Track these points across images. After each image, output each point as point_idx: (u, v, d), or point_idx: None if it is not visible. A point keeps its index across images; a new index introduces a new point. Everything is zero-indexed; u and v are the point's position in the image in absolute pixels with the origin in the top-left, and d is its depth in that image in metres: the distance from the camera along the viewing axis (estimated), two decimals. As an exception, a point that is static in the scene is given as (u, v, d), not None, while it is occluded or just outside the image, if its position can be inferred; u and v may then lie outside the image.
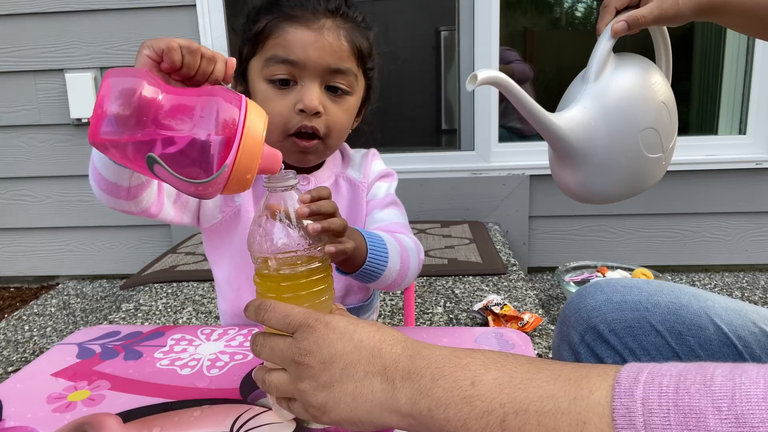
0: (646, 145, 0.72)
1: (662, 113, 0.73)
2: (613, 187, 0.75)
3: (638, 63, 0.76)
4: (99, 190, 0.69)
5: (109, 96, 0.49)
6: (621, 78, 0.73)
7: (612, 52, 0.74)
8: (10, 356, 1.95)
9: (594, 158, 0.72)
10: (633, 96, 0.72)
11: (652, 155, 0.73)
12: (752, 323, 0.69)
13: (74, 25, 2.40)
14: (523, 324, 1.54)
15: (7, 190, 2.57)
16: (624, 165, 0.73)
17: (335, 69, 0.79)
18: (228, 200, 0.87)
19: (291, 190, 0.57)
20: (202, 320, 1.76)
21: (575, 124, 0.71)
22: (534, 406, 0.40)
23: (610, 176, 0.74)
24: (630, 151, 0.72)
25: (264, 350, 0.53)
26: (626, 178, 0.74)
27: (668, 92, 0.75)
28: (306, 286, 0.56)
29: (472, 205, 2.47)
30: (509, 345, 0.72)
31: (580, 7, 2.90)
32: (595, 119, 0.71)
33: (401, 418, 0.46)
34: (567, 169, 0.76)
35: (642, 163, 0.73)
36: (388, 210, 0.90)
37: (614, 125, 0.71)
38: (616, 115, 0.71)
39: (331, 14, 0.79)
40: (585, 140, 0.71)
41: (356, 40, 0.81)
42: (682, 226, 2.49)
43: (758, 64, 2.36)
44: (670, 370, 0.38)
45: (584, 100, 0.72)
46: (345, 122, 0.83)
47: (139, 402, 0.62)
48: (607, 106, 0.71)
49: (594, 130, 0.71)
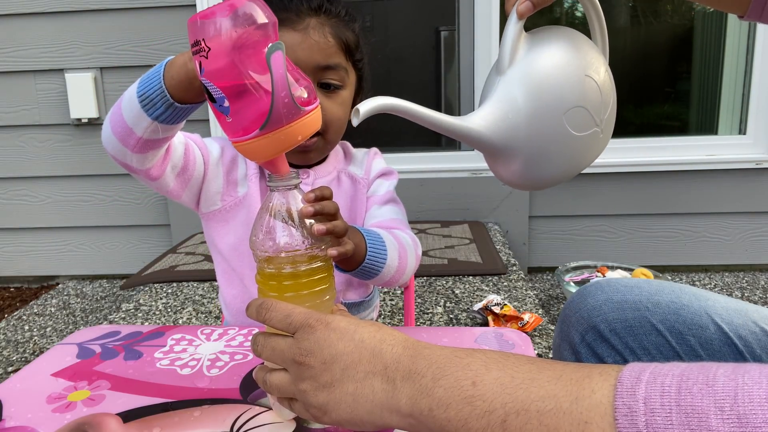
0: (574, 125, 0.66)
1: (588, 87, 0.66)
2: (550, 172, 0.70)
3: (555, 40, 0.68)
4: (111, 132, 0.70)
5: None
6: (535, 61, 0.66)
7: (524, 32, 0.68)
8: (10, 356, 1.95)
9: (521, 150, 0.67)
10: (550, 78, 0.65)
11: (583, 133, 0.67)
12: (753, 323, 0.69)
13: (74, 25, 2.40)
14: (523, 324, 1.54)
15: (7, 190, 2.57)
16: (555, 150, 0.67)
17: (325, 66, 0.80)
18: (231, 189, 0.88)
19: (294, 189, 0.57)
20: (202, 320, 1.76)
21: (491, 121, 0.66)
22: (535, 405, 0.40)
23: (543, 164, 0.69)
24: (558, 135, 0.66)
25: (265, 350, 0.53)
26: (563, 161, 0.69)
27: (595, 62, 0.68)
28: (308, 285, 0.56)
29: (472, 205, 2.47)
30: (509, 345, 0.72)
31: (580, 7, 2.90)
32: (513, 111, 0.65)
33: (402, 418, 0.46)
34: (499, 164, 0.71)
35: (575, 143, 0.67)
36: (387, 207, 0.92)
37: (534, 113, 0.65)
38: (534, 102, 0.65)
39: (314, 12, 0.81)
40: (506, 135, 0.66)
41: (342, 34, 0.82)
42: (682, 226, 2.49)
43: (758, 64, 2.36)
44: (673, 369, 0.38)
45: (498, 93, 0.66)
46: (341, 116, 0.85)
47: (139, 402, 0.62)
48: (523, 95, 0.65)
49: (513, 122, 0.66)
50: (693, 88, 2.82)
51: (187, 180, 0.84)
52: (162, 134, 0.70)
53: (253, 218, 0.86)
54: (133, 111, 0.67)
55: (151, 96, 0.66)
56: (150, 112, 0.67)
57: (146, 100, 0.66)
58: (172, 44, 2.37)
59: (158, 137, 0.70)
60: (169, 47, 2.37)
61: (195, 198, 0.88)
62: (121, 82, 2.42)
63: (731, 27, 2.51)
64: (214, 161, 0.87)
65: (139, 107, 0.66)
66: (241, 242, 0.89)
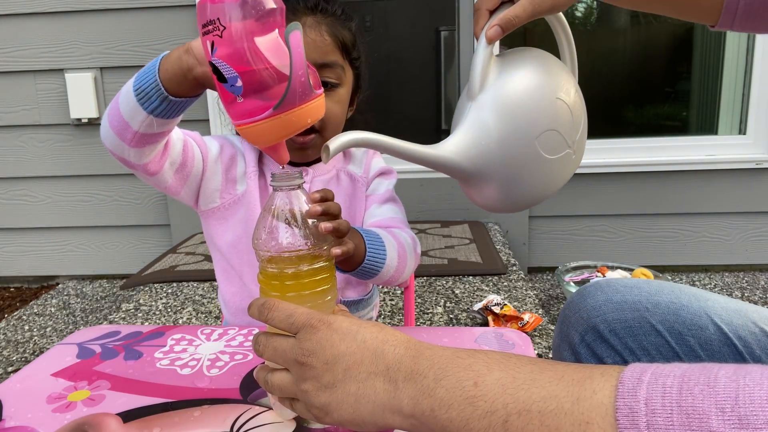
0: (546, 148, 0.66)
1: (560, 110, 0.66)
2: (524, 196, 0.70)
3: (524, 63, 0.68)
4: (109, 127, 0.72)
5: None
6: (506, 86, 0.66)
7: (494, 56, 0.67)
8: (10, 356, 1.95)
9: (495, 176, 0.67)
10: (521, 103, 0.65)
11: (556, 156, 0.67)
12: (752, 323, 0.69)
13: (74, 25, 2.40)
14: (523, 324, 1.55)
15: (7, 190, 2.57)
16: (528, 174, 0.67)
17: (322, 64, 0.81)
18: (230, 187, 0.89)
19: (297, 190, 0.57)
20: (202, 320, 1.76)
21: (463, 148, 0.65)
22: (537, 406, 0.40)
23: (517, 188, 0.68)
24: (530, 160, 0.66)
25: (267, 350, 0.53)
26: (536, 185, 0.69)
27: (565, 84, 0.68)
28: (310, 285, 0.56)
29: (472, 205, 2.45)
30: (509, 345, 0.72)
31: (580, 7, 2.90)
32: (485, 137, 0.65)
33: (404, 419, 0.46)
34: (472, 190, 0.71)
35: (548, 166, 0.67)
36: (386, 206, 0.93)
37: (506, 138, 0.65)
38: (506, 128, 0.64)
39: (311, 11, 0.82)
40: (479, 162, 0.66)
41: (338, 33, 0.83)
42: (682, 226, 2.49)
43: (758, 64, 2.37)
44: (674, 370, 0.38)
45: (469, 119, 0.66)
46: (339, 113, 0.86)
47: (139, 402, 0.62)
48: (495, 121, 0.65)
49: (486, 149, 0.65)
50: (693, 88, 2.82)
51: (186, 176, 0.84)
52: (157, 128, 0.71)
53: (251, 216, 0.89)
54: (129, 105, 0.68)
55: (146, 89, 0.67)
56: (145, 106, 0.68)
57: (142, 94, 0.67)
58: (173, 44, 2.36)
59: (154, 131, 0.71)
60: (170, 47, 2.37)
61: (194, 195, 0.88)
62: (121, 82, 2.39)
63: (731, 27, 2.51)
64: (213, 158, 0.87)
65: (135, 101, 0.68)
66: (240, 240, 0.89)
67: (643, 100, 2.90)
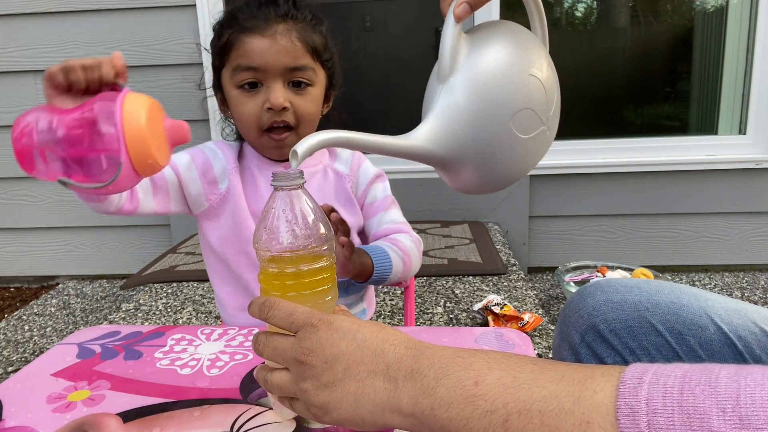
0: (521, 128, 0.64)
1: (533, 87, 0.64)
2: (501, 177, 0.68)
3: (495, 40, 0.65)
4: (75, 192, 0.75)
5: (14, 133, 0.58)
6: (476, 66, 0.63)
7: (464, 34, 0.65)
8: (10, 356, 1.95)
9: (470, 160, 0.65)
10: (493, 84, 0.62)
11: (531, 134, 0.65)
12: (753, 323, 0.69)
13: (74, 25, 2.40)
14: (523, 324, 1.55)
15: (7, 190, 2.57)
16: (504, 155, 0.65)
17: (293, 67, 0.87)
18: (212, 188, 0.93)
19: (298, 189, 0.57)
20: (202, 320, 1.76)
21: (436, 135, 0.64)
22: (537, 406, 0.40)
23: (493, 170, 0.67)
24: (506, 141, 0.64)
25: (267, 349, 0.53)
26: (513, 165, 0.67)
27: (537, 58, 0.65)
28: (310, 285, 0.56)
29: (472, 205, 2.47)
30: (509, 345, 0.72)
31: (580, 7, 2.90)
32: (458, 122, 0.63)
33: (403, 418, 0.46)
34: (448, 175, 0.70)
35: (523, 145, 0.65)
36: (393, 211, 1.00)
37: (480, 122, 0.63)
38: (479, 111, 0.62)
39: (282, 19, 0.88)
40: (453, 147, 0.64)
41: (308, 38, 0.89)
42: (682, 226, 2.49)
43: (758, 64, 2.37)
44: (675, 371, 0.38)
45: (441, 104, 0.64)
46: (313, 111, 0.91)
47: (139, 402, 0.62)
48: (467, 104, 0.63)
49: (459, 134, 0.63)
50: (693, 88, 2.82)
51: (165, 192, 0.89)
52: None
53: (238, 208, 0.93)
54: None
55: None
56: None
57: None
58: (172, 44, 2.37)
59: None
60: (169, 47, 2.37)
61: (184, 205, 0.94)
62: (121, 82, 2.42)
63: (731, 27, 2.51)
64: (185, 166, 0.91)
65: None
66: (230, 231, 0.94)
67: (643, 100, 2.90)
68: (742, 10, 2.46)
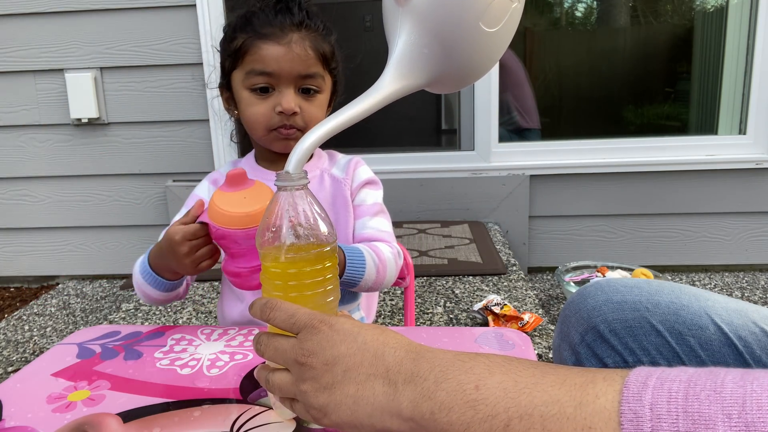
0: (492, 23, 0.62)
1: None
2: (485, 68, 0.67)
3: None
4: (142, 299, 0.89)
5: None
6: None
7: None
8: (10, 356, 1.95)
9: (446, 70, 0.64)
10: None
11: (503, 21, 0.63)
12: (753, 323, 0.69)
13: (74, 25, 2.40)
14: (523, 324, 1.54)
15: (7, 190, 2.57)
16: (482, 55, 0.65)
17: (305, 75, 0.91)
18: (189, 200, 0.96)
19: (302, 190, 0.57)
20: (202, 320, 1.76)
21: (409, 69, 0.63)
22: (539, 410, 0.40)
23: (473, 70, 0.66)
24: (481, 42, 0.63)
25: (268, 350, 0.53)
26: (492, 53, 0.66)
27: None
28: (312, 286, 0.56)
29: (472, 205, 2.47)
30: (509, 345, 0.72)
31: (580, 7, 2.90)
32: (427, 45, 0.62)
33: (403, 422, 0.45)
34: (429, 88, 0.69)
35: (498, 34, 0.64)
36: (378, 219, 0.99)
37: (450, 36, 0.61)
38: (447, 26, 0.61)
39: (297, 28, 0.91)
40: (427, 71, 0.63)
41: (320, 47, 0.92)
42: (682, 226, 2.49)
43: (758, 64, 2.36)
44: (680, 375, 0.37)
45: (405, 29, 0.63)
46: (320, 116, 0.95)
47: (139, 402, 0.62)
48: (432, 23, 0.61)
49: (430, 56, 0.62)
50: (693, 88, 2.82)
51: None
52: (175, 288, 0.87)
53: None
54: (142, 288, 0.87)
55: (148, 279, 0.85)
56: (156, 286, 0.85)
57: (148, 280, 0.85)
58: (172, 44, 2.37)
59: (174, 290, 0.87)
60: (169, 47, 2.37)
61: None
62: (121, 82, 2.42)
63: (731, 27, 2.51)
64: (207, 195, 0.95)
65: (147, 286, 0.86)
66: None
67: (643, 100, 2.90)
68: (742, 10, 2.46)
